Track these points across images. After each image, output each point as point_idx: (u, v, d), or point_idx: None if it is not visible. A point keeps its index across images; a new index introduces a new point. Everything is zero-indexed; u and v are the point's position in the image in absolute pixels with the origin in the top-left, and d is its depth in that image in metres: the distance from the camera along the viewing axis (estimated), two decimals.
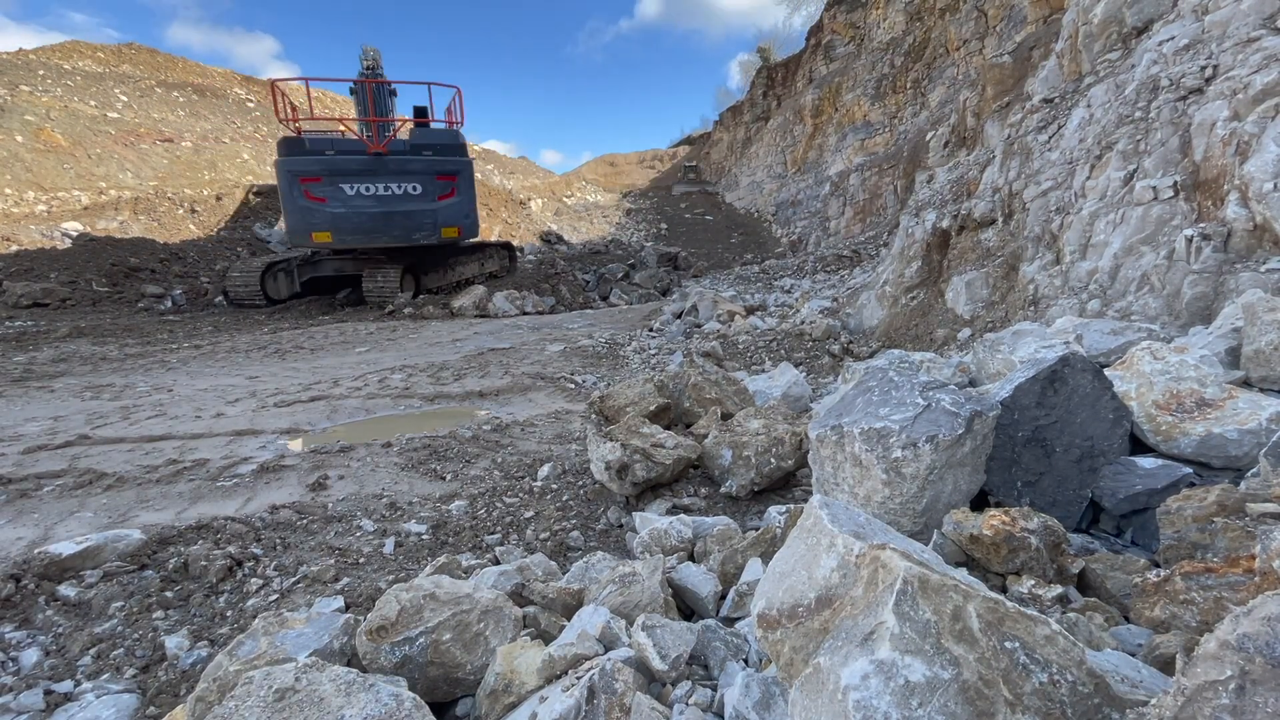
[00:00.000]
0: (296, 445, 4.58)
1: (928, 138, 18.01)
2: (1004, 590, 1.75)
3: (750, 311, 10.62)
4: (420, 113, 14.66)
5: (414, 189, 13.17)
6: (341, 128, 14.83)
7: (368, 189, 12.84)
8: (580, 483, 3.64)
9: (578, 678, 1.56)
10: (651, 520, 2.84)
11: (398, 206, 13.06)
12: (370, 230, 12.97)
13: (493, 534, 3.16)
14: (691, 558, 2.57)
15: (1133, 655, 1.42)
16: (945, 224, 7.98)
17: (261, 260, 14.26)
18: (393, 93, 14.70)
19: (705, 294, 11.59)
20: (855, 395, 2.50)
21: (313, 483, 3.77)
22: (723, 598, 2.15)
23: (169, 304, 13.39)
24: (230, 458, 4.21)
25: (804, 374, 6.37)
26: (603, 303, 16.44)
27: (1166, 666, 1.34)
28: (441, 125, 14.57)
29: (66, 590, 2.58)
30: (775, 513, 2.83)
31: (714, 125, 47.42)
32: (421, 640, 1.81)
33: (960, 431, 2.09)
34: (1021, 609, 1.13)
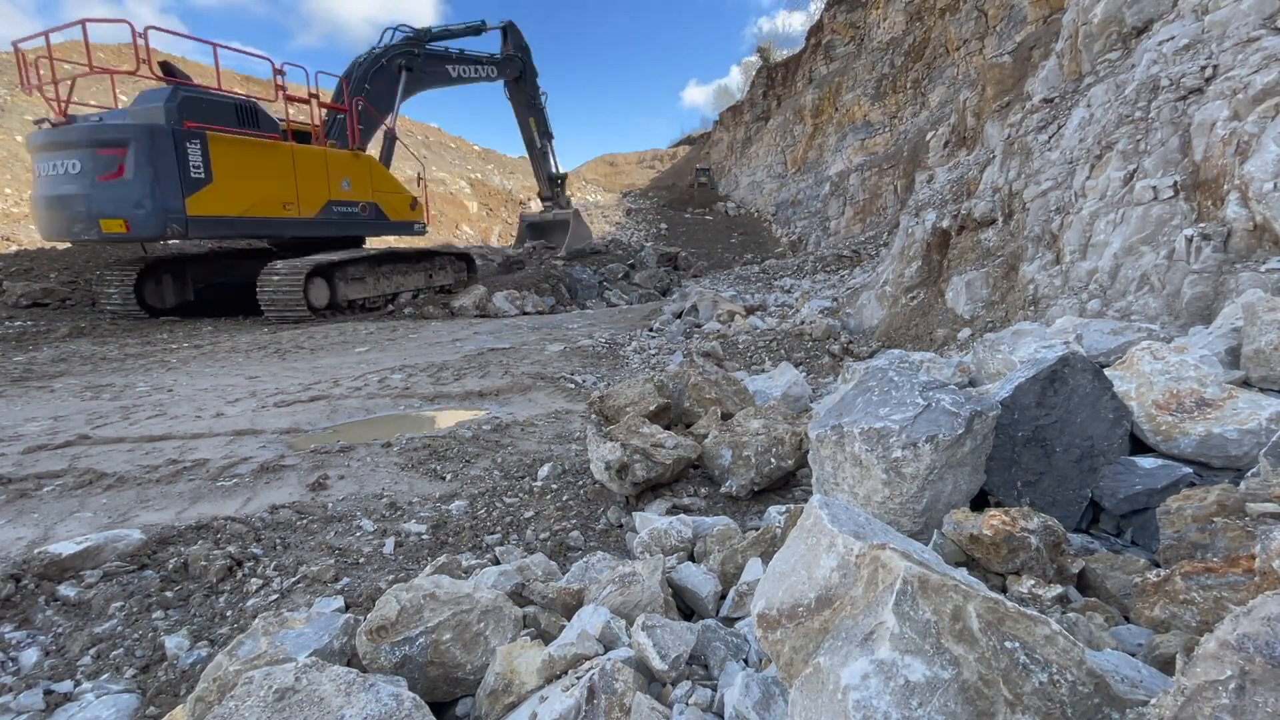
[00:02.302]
0: (296, 445, 4.58)
1: (928, 138, 18.01)
2: (1004, 590, 1.75)
3: (750, 311, 10.63)
4: (167, 71, 10.93)
5: (74, 166, 9.62)
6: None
7: (41, 169, 10.02)
8: (580, 483, 3.64)
9: (578, 678, 1.56)
10: (651, 520, 2.84)
11: (60, 189, 9.78)
12: (46, 220, 10.19)
13: (493, 534, 3.16)
14: (691, 558, 2.57)
15: (1133, 655, 1.42)
16: (945, 224, 7.98)
17: (137, 261, 11.72)
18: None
19: (705, 294, 11.60)
20: (855, 395, 2.50)
21: (313, 483, 3.77)
22: (723, 598, 2.15)
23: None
24: (230, 457, 4.21)
25: (804, 374, 6.37)
26: (603, 303, 16.43)
27: (1166, 666, 1.34)
28: (186, 85, 10.82)
29: (66, 590, 2.58)
30: (775, 513, 2.83)
31: (714, 125, 47.43)
32: (421, 640, 1.81)
33: (960, 431, 2.09)
34: (1021, 609, 1.13)
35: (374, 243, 14.49)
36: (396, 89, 14.06)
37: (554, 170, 19.33)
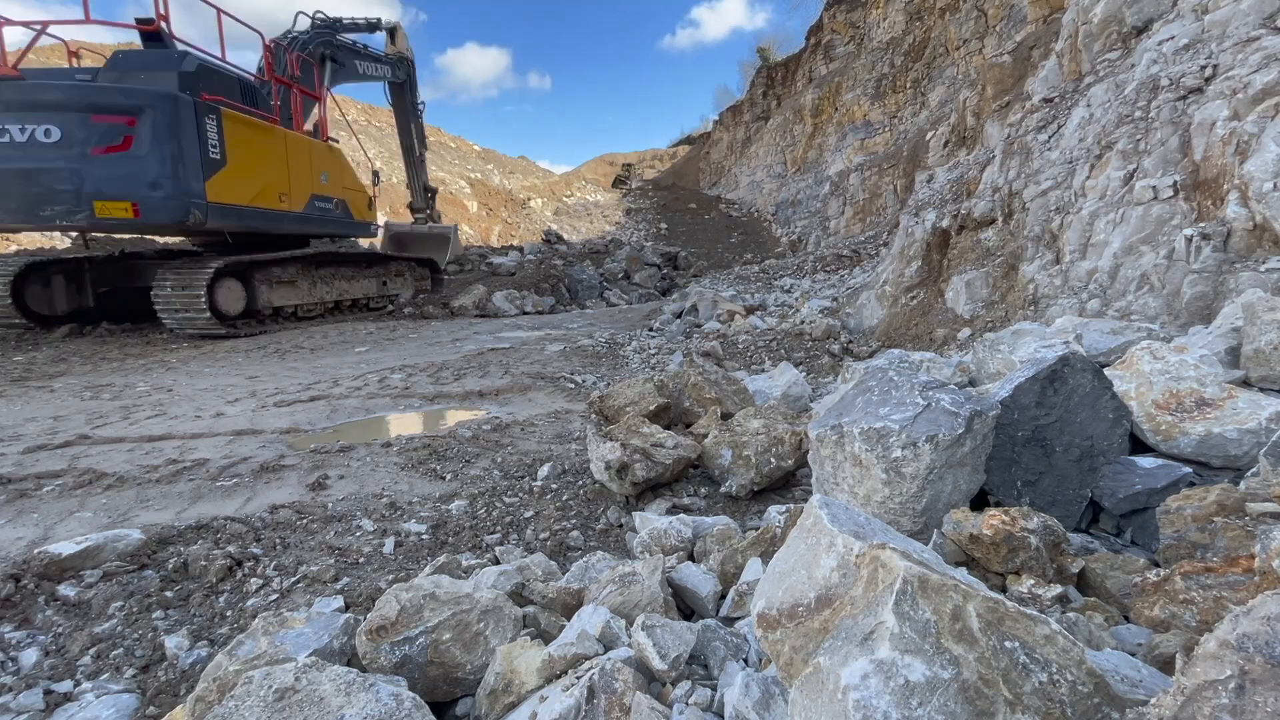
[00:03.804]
0: (296, 445, 4.58)
1: (928, 137, 18.01)
2: (1004, 590, 1.75)
3: (750, 311, 10.63)
4: (145, 24, 9.30)
5: (47, 133, 7.92)
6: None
7: None
8: (580, 482, 3.64)
9: (578, 677, 1.56)
10: (651, 520, 2.84)
11: (16, 162, 7.97)
12: None
13: (493, 534, 3.16)
14: (691, 558, 2.57)
15: (1132, 655, 1.42)
16: (945, 224, 7.98)
17: (16, 260, 9.83)
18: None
19: (705, 294, 11.60)
20: (855, 395, 2.50)
21: (313, 482, 3.77)
22: (723, 597, 2.15)
23: None
24: (230, 457, 4.21)
25: (804, 374, 6.37)
26: (603, 303, 16.43)
27: (1166, 666, 1.34)
28: (184, 49, 9.36)
29: (66, 590, 2.58)
30: (775, 512, 2.83)
31: (714, 125, 47.43)
32: (421, 640, 1.81)
33: (960, 431, 2.09)
34: (1021, 609, 1.13)
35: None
36: (322, 78, 12.60)
37: (428, 181, 17.77)
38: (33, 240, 17.24)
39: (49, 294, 9.96)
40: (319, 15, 12.75)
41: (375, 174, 14.62)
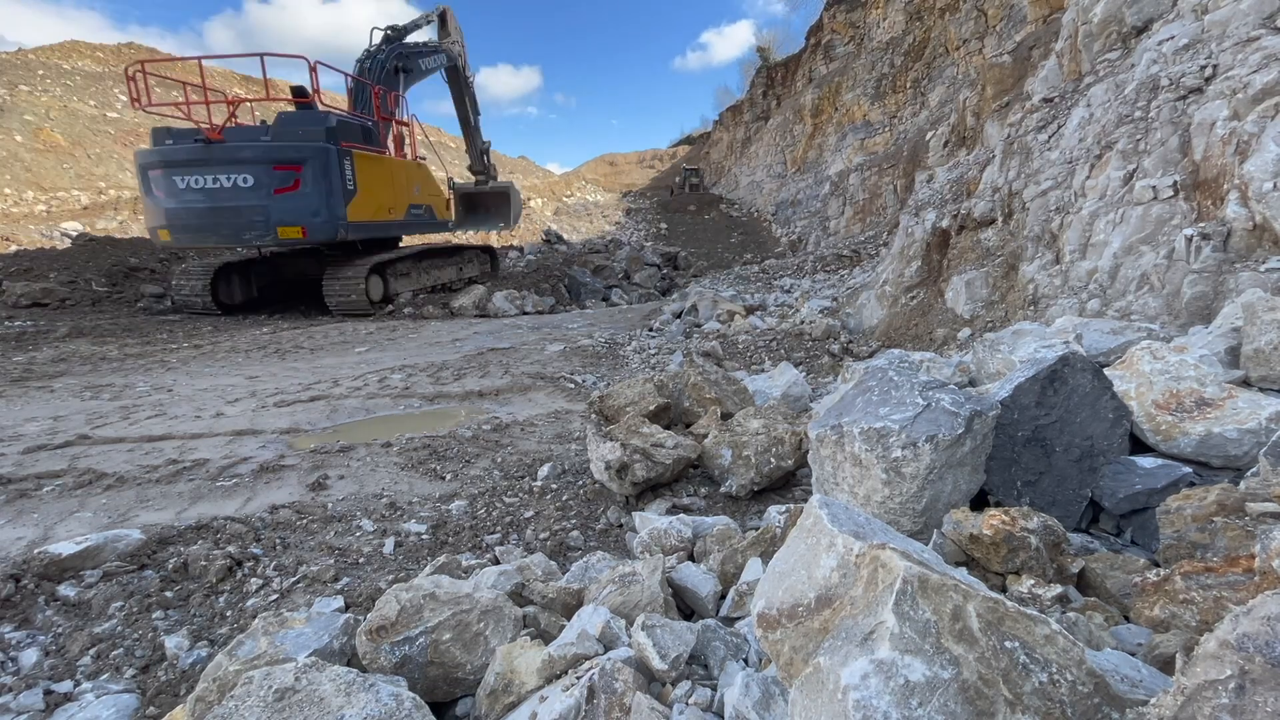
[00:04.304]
0: (296, 445, 4.58)
1: (928, 137, 18.01)
2: (1004, 590, 1.75)
3: (750, 311, 10.62)
4: (299, 94, 12.59)
5: (245, 180, 11.13)
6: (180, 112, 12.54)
7: (197, 181, 11.18)
8: (580, 482, 3.64)
9: (578, 677, 1.56)
10: (651, 520, 2.84)
11: (226, 201, 11.21)
12: (199, 228, 11.47)
13: (493, 534, 3.16)
14: (691, 558, 2.57)
15: (1133, 655, 1.42)
16: (945, 224, 7.98)
17: (214, 260, 13.11)
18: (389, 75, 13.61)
19: (705, 294, 11.59)
20: (855, 395, 2.50)
21: (313, 483, 3.77)
22: (723, 597, 2.15)
23: (168, 304, 13.18)
24: (230, 457, 4.21)
25: (804, 374, 6.37)
26: (602, 303, 16.43)
27: (1166, 666, 1.34)
28: (327, 110, 12.45)
29: (66, 590, 2.58)
30: (775, 512, 2.83)
31: (714, 125, 47.44)
32: (421, 640, 1.81)
33: (960, 431, 2.09)
34: (1021, 609, 1.13)
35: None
36: (397, 94, 14.81)
37: (484, 146, 19.61)
38: (32, 241, 17.26)
39: (230, 288, 12.93)
40: (390, 29, 15.02)
41: (450, 181, 18.12)
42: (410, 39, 15.42)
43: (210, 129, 11.31)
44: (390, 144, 14.32)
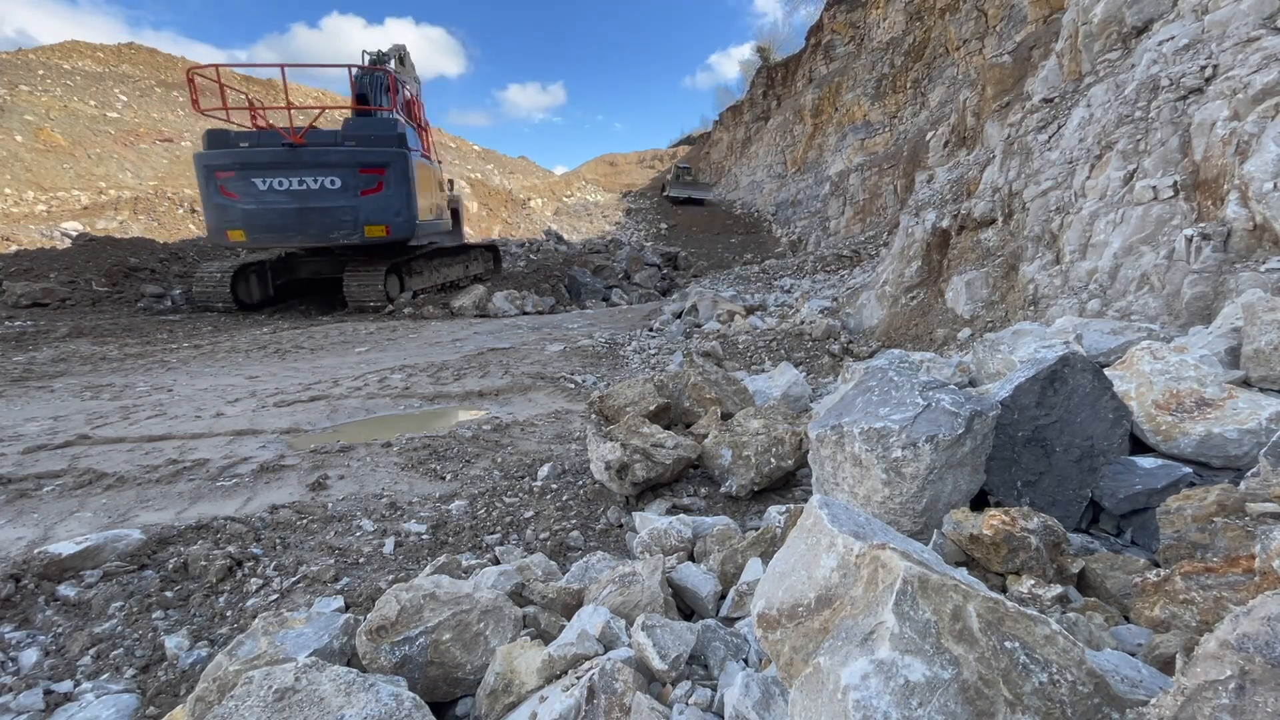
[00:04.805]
0: (296, 445, 4.58)
1: (928, 138, 18.01)
2: (1004, 590, 1.75)
3: (750, 311, 10.62)
4: (362, 100, 13.76)
5: (332, 183, 11.81)
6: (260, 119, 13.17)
7: (281, 183, 11.69)
8: (580, 483, 3.64)
9: (578, 677, 1.56)
10: (651, 520, 2.84)
11: (313, 202, 11.82)
12: (283, 228, 11.97)
13: (493, 534, 3.16)
14: (691, 558, 2.57)
15: (1133, 655, 1.42)
16: (945, 224, 7.98)
17: (233, 261, 13.53)
18: (387, 88, 14.00)
19: (705, 294, 11.59)
20: (855, 395, 2.50)
21: (313, 483, 3.77)
22: (723, 598, 2.15)
23: (168, 304, 13.23)
24: (230, 457, 4.21)
25: (804, 374, 6.37)
26: (602, 303, 16.44)
27: (1166, 666, 1.34)
28: (391, 115, 13.44)
29: (66, 590, 2.58)
30: (775, 513, 2.83)
31: (714, 125, 47.44)
32: (421, 640, 1.81)
33: (960, 431, 2.09)
34: (1021, 609, 1.13)
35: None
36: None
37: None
38: (32, 241, 17.25)
39: (249, 287, 13.32)
40: (379, 52, 15.91)
41: (450, 183, 18.54)
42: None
43: (293, 132, 11.94)
44: (432, 151, 15.70)
